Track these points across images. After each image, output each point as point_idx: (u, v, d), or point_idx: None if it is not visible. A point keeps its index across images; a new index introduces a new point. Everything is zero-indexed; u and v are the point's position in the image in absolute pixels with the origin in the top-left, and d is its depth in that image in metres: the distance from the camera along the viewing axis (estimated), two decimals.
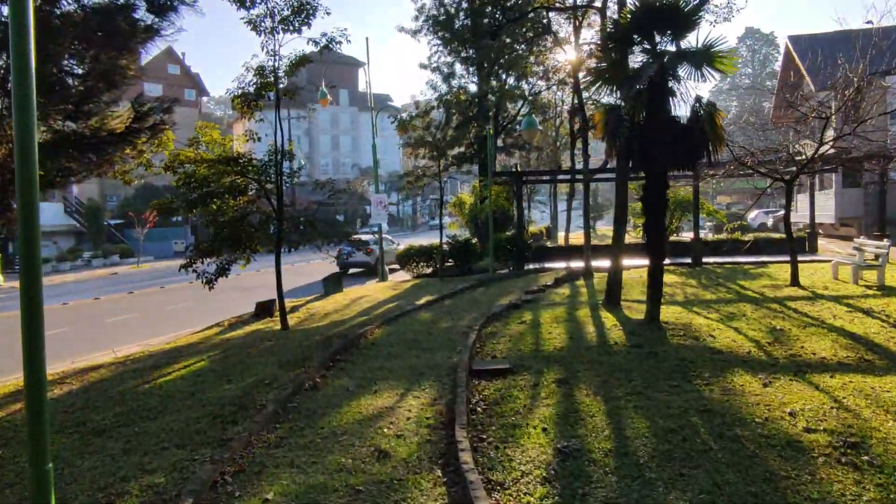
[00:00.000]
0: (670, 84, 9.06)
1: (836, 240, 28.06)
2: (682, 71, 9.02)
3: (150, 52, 8.96)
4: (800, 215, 35.10)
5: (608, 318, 10.16)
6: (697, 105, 8.91)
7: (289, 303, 15.63)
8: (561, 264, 21.34)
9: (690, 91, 9.09)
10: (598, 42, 15.16)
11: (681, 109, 9.35)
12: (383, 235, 24.39)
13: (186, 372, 8.51)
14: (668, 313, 10.55)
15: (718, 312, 10.69)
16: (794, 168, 13.85)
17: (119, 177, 9.80)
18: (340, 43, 11.85)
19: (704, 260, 20.08)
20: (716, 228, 32.52)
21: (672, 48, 9.03)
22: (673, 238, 24.40)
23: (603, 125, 9.28)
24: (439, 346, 9.24)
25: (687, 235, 28.77)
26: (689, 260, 20.11)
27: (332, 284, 17.04)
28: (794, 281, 13.62)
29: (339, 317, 12.84)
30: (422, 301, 14.11)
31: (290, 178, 12.34)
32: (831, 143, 13.07)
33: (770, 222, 38.65)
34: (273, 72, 11.56)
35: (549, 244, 30.46)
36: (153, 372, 8.68)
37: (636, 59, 9.80)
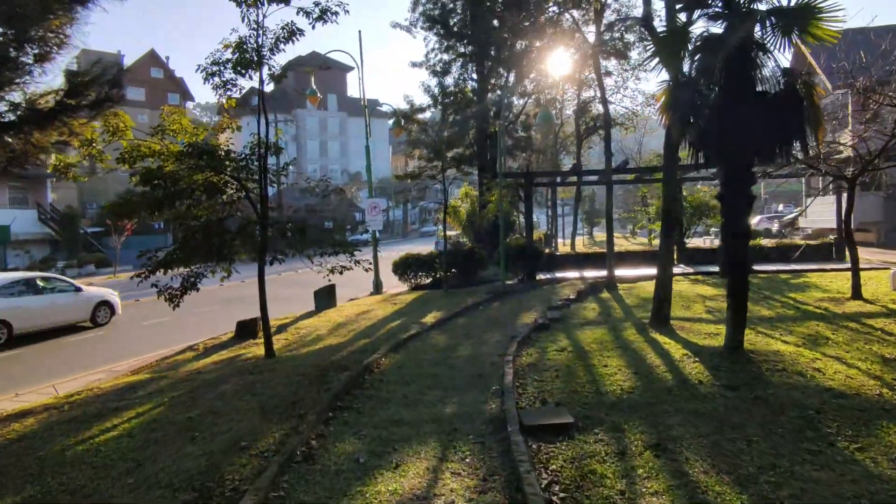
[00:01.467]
0: (753, 54, 7.14)
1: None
2: (769, 39, 7.11)
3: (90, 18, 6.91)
4: (809, 220, 33.54)
5: (670, 345, 8.17)
6: (790, 79, 6.98)
7: (275, 321, 13.52)
8: (573, 274, 19.39)
9: (780, 61, 7.17)
10: (634, 18, 13.27)
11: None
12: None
13: (139, 423, 6.39)
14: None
15: (794, 335, 8.76)
16: (854, 166, 12.01)
17: (61, 172, 7.68)
18: (337, 14, 9.80)
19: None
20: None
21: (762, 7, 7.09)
22: (691, 244, 22.61)
23: (669, 107, 7.32)
24: (467, 383, 7.20)
25: (697, 241, 27.00)
26: (714, 268, 18.26)
27: (324, 298, 14.94)
28: (857, 293, 11.76)
29: (334, 340, 10.76)
30: (430, 319, 12.07)
31: (276, 176, 10.28)
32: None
33: (775, 228, 37.03)
34: (256, 49, 9.50)
35: (547, 251, 28.56)
36: (94, 423, 6.54)
37: (696, 30, 7.89)
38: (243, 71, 9.27)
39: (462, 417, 5.94)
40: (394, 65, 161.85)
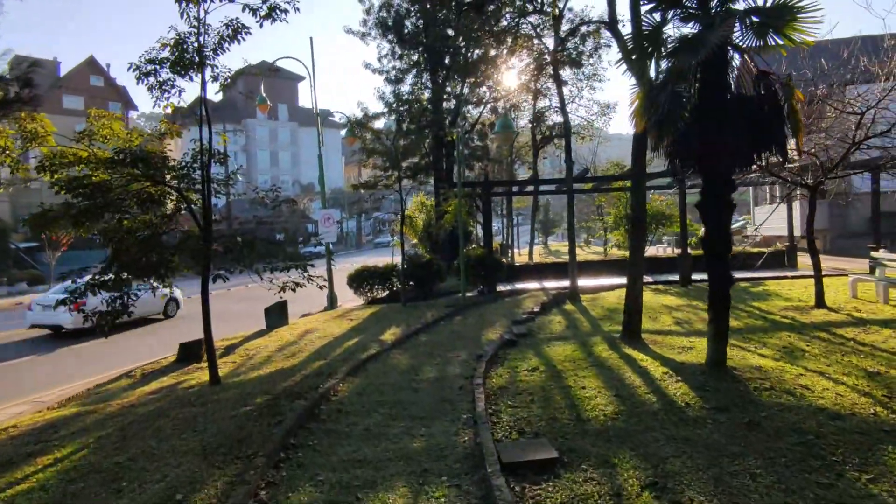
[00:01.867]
0: (729, 56, 6.81)
1: (802, 253, 26.97)
2: (746, 40, 6.78)
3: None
4: (769, 227, 34.06)
5: (647, 362, 7.71)
6: (769, 82, 6.65)
7: (222, 341, 12.58)
8: (533, 284, 18.99)
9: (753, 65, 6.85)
10: (597, 21, 12.98)
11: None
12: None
13: (56, 472, 5.48)
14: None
15: (768, 347, 8.46)
16: (815, 174, 11.96)
17: None
18: (286, 12, 9.07)
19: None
20: (677, 243, 31.02)
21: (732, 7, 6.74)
22: (648, 253, 22.56)
23: (645, 110, 6.90)
24: (434, 410, 6.55)
25: (652, 250, 27.09)
26: (674, 277, 18.17)
27: (275, 316, 14.03)
28: (820, 302, 11.68)
29: (287, 362, 9.94)
30: (389, 336, 11.37)
31: (222, 186, 9.45)
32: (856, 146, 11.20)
33: None
34: (198, 49, 8.68)
35: (504, 261, 28.18)
36: (2, 474, 5.60)
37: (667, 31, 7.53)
38: (183, 71, 8.44)
39: (433, 454, 5.29)
40: (346, 75, 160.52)
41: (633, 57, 7.24)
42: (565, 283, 19.08)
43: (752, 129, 6.47)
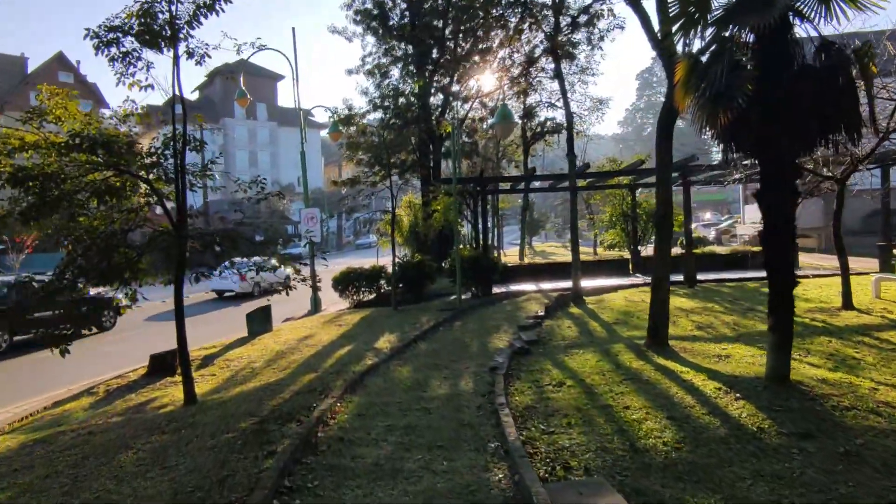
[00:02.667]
0: (792, 21, 5.86)
1: (802, 252, 26.45)
2: (807, 4, 5.84)
3: None
4: (746, 227, 33.80)
5: (689, 374, 6.73)
6: (839, 53, 5.71)
7: (199, 350, 11.38)
8: (529, 286, 18.02)
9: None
10: None
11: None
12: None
13: None
14: (760, 360, 7.36)
15: (814, 355, 7.57)
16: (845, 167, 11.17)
17: None
18: None
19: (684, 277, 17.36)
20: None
21: None
22: (645, 254, 21.74)
23: (690, 86, 5.92)
24: (453, 437, 5.49)
25: (649, 250, 26.20)
26: (677, 277, 17.32)
27: (258, 321, 12.83)
28: (848, 303, 10.87)
29: (273, 375, 8.79)
30: (384, 344, 10.28)
31: (198, 177, 8.27)
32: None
33: (712, 235, 37.28)
34: (170, 21, 7.51)
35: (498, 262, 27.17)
36: None
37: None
38: (151, 42, 7.26)
39: (464, 498, 4.23)
40: (328, 75, 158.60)
41: (676, 27, 6.25)
42: (562, 284, 18.17)
43: (819, 108, 5.53)
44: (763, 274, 16.59)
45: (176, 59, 7.62)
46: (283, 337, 12.11)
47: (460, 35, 23.49)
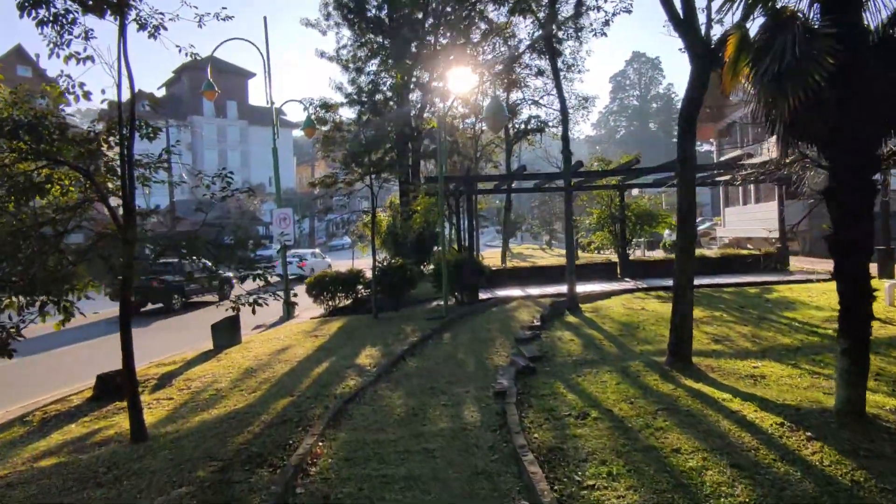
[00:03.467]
0: None
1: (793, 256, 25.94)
2: None
3: None
4: (726, 230, 33.30)
5: (734, 403, 5.69)
6: None
7: (158, 367, 10.05)
8: (515, 291, 16.97)
9: None
10: None
11: None
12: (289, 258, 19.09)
13: None
14: (802, 383, 6.40)
15: (879, 380, 6.61)
16: None
17: None
18: None
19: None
20: (649, 244, 29.61)
21: None
22: (632, 256, 20.91)
23: (747, 61, 4.89)
24: (471, 495, 4.34)
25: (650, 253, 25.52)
26: (669, 282, 16.43)
27: (225, 333, 11.49)
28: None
29: (241, 400, 7.53)
30: (367, 360, 9.10)
31: (151, 168, 6.96)
32: None
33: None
34: None
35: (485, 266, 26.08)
36: None
37: None
38: (93, 5, 5.96)
39: None
40: (300, 73, 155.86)
41: None
42: (550, 289, 17.17)
43: None
44: (759, 279, 15.81)
45: (123, 28, 6.33)
46: (253, 351, 10.82)
47: (441, 28, 22.37)
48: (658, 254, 27.36)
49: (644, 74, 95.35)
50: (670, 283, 16.51)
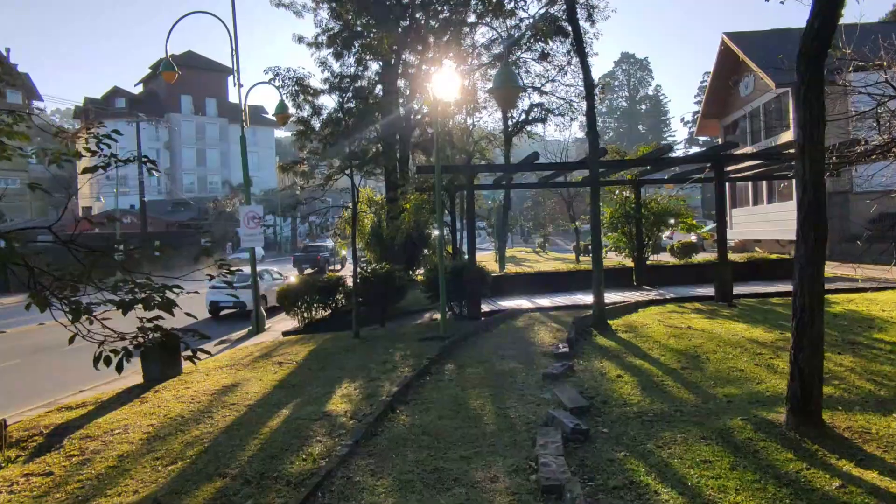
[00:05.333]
0: None
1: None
2: None
3: None
4: (733, 232, 30.87)
5: None
6: None
7: (55, 413, 7.35)
8: (521, 301, 14.46)
9: None
10: None
11: None
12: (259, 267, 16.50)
13: None
14: None
15: None
16: None
17: None
18: None
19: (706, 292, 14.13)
20: (654, 248, 27.10)
21: None
22: (651, 261, 18.48)
23: None
24: None
25: (656, 257, 23.05)
26: (703, 291, 14.03)
27: (158, 361, 8.75)
28: None
29: (147, 479, 4.86)
30: (342, 406, 6.50)
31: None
32: None
33: (693, 239, 34.48)
34: None
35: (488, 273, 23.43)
36: None
37: None
38: None
39: None
40: (280, 61, 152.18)
41: None
42: (560, 299, 14.67)
43: None
44: (769, 288, 13.25)
45: None
46: (193, 387, 8.12)
47: (432, 7, 19.80)
48: (664, 257, 24.96)
49: (633, 76, 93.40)
50: (697, 291, 14.11)
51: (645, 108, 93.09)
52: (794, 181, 20.71)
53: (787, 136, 23.34)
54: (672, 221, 16.81)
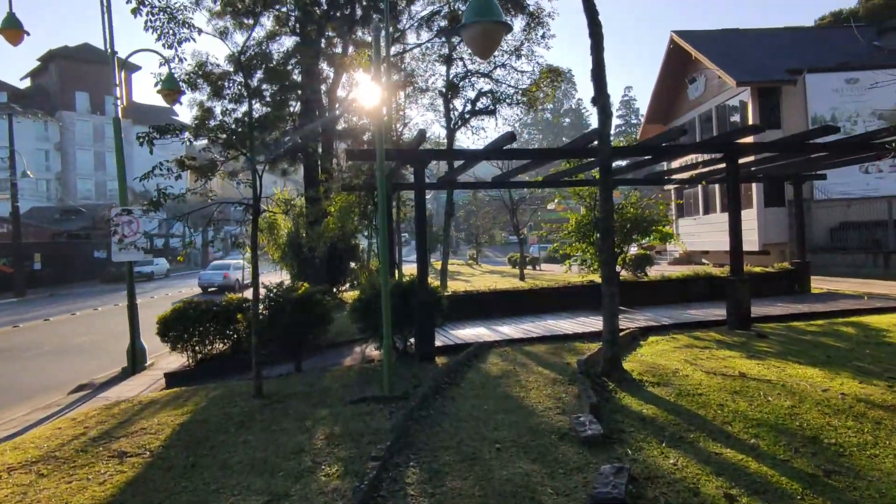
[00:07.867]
0: None
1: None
2: None
3: None
4: (698, 241, 28.58)
5: None
6: None
7: None
8: (481, 330, 11.23)
9: None
10: None
11: None
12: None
13: None
14: None
15: None
16: None
17: None
18: None
19: (702, 315, 11.42)
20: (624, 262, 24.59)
21: None
22: (625, 275, 15.74)
23: None
24: None
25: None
26: (715, 312, 11.32)
27: None
28: None
29: None
30: None
31: None
32: None
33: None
34: None
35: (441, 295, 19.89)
36: None
37: None
38: None
39: None
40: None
41: None
42: (528, 325, 11.54)
43: None
44: (806, 308, 10.53)
45: None
46: None
47: None
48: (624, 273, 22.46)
49: (557, 87, 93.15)
50: (692, 314, 11.27)
51: (569, 121, 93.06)
52: (785, 184, 18.71)
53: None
54: (646, 229, 14.13)
